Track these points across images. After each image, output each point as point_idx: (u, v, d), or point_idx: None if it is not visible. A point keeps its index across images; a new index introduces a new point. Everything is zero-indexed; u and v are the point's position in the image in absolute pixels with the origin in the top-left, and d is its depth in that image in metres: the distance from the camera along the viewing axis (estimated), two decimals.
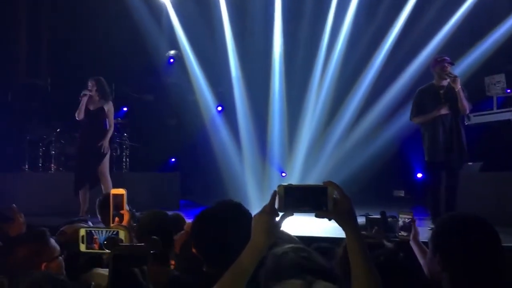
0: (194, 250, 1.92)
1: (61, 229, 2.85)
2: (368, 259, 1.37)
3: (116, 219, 2.25)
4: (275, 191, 1.40)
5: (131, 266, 1.23)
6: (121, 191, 2.31)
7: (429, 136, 5.70)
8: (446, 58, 5.68)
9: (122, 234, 1.72)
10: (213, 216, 1.94)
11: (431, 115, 5.62)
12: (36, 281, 1.51)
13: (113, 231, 1.75)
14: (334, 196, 1.39)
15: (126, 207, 3.46)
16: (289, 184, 1.40)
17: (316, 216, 1.38)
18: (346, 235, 1.39)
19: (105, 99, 6.62)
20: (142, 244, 1.41)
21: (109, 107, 6.61)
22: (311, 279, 0.82)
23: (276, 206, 1.39)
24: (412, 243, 2.81)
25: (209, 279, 1.84)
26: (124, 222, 2.22)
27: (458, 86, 5.42)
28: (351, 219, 1.39)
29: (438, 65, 5.65)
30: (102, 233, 1.74)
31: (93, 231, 1.75)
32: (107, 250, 1.71)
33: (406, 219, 2.96)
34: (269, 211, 1.40)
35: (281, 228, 1.44)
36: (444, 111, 5.58)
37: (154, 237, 1.60)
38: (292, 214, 1.40)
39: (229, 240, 1.85)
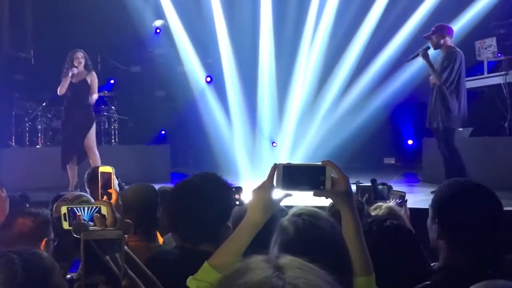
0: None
1: (63, 196, 2.81)
2: (362, 239, 1.41)
3: (105, 197, 2.20)
4: (273, 167, 1.40)
5: (103, 252, 1.16)
6: (108, 168, 2.25)
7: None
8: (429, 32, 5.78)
9: (104, 210, 1.66)
10: (189, 189, 1.89)
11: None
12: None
13: (96, 207, 1.69)
14: (332, 175, 1.39)
15: (115, 185, 3.37)
16: (287, 163, 1.41)
17: (314, 195, 1.39)
18: (342, 214, 1.41)
19: (88, 70, 6.51)
20: (114, 228, 1.35)
21: (92, 78, 6.50)
22: (277, 253, 0.80)
23: (274, 184, 1.39)
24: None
25: (190, 254, 1.81)
26: (113, 201, 2.16)
27: (424, 60, 5.63)
28: (348, 199, 1.41)
29: None
30: (84, 210, 1.68)
31: (75, 208, 1.69)
32: (91, 225, 1.65)
33: (398, 199, 2.93)
34: (267, 187, 1.40)
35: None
36: (432, 80, 5.73)
37: (127, 220, 1.55)
38: (291, 195, 1.41)
39: (205, 213, 1.82)
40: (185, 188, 1.92)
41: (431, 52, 5.73)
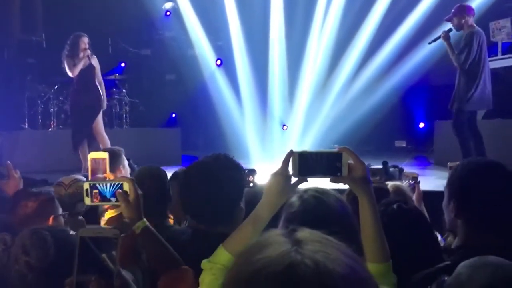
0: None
1: (58, 180, 2.83)
2: (379, 222, 1.39)
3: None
4: (288, 153, 1.39)
5: (99, 249, 1.15)
6: (102, 154, 2.25)
7: None
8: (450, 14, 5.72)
9: (126, 186, 1.68)
10: (201, 170, 1.89)
11: None
12: (42, 234, 1.48)
13: (118, 183, 1.69)
14: (349, 161, 1.38)
15: (125, 166, 3.39)
16: (303, 151, 1.39)
17: (331, 181, 1.39)
18: (359, 200, 1.40)
19: (91, 54, 6.55)
20: (111, 227, 1.35)
21: (95, 62, 6.55)
22: (294, 227, 0.79)
23: (290, 172, 1.38)
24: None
25: (204, 235, 1.82)
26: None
27: (445, 42, 5.57)
28: (365, 185, 1.39)
29: None
30: (106, 186, 1.69)
31: (97, 184, 1.70)
32: (113, 201, 1.67)
33: (410, 180, 2.92)
34: (284, 173, 1.39)
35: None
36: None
37: (125, 220, 1.56)
38: (306, 180, 1.40)
39: (218, 194, 1.82)
40: (197, 170, 1.92)
41: (454, 33, 5.66)
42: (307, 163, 1.37)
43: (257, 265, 0.72)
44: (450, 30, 5.61)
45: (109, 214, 2.66)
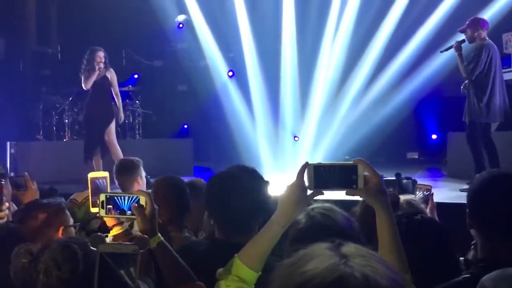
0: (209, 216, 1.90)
1: (71, 197, 2.85)
2: (397, 234, 1.38)
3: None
4: (303, 165, 1.39)
5: (118, 265, 1.16)
6: (102, 173, 2.26)
7: None
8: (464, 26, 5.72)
9: (143, 200, 1.69)
10: (228, 179, 1.90)
11: None
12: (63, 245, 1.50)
13: (135, 196, 1.71)
14: (364, 173, 1.38)
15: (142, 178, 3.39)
16: (318, 163, 1.39)
17: (347, 194, 1.38)
18: (376, 212, 1.39)
19: (107, 67, 6.65)
20: (131, 243, 1.37)
21: (111, 75, 6.68)
22: (339, 241, 0.79)
23: (306, 184, 1.38)
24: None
25: (222, 246, 1.83)
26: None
27: (456, 52, 5.58)
28: (381, 196, 1.39)
29: None
30: (123, 199, 1.70)
31: (115, 197, 1.71)
32: (128, 215, 1.68)
33: (425, 192, 2.91)
34: (300, 185, 1.39)
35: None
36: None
37: (145, 236, 1.57)
38: (322, 193, 1.40)
39: (242, 204, 1.83)
40: (223, 179, 1.92)
41: (466, 45, 5.66)
42: (322, 175, 1.37)
43: (305, 276, 0.73)
44: (463, 41, 5.61)
45: (114, 231, 2.66)
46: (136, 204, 1.67)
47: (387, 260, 1.35)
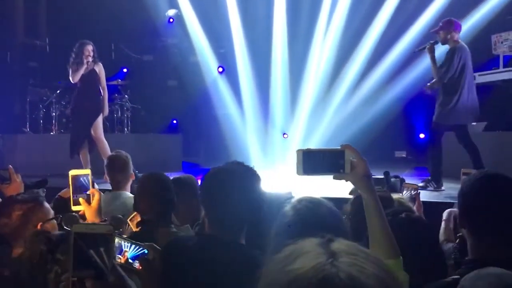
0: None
1: (57, 195, 2.81)
2: (384, 218, 1.42)
3: (81, 199, 2.14)
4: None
5: (92, 246, 1.15)
6: (85, 171, 2.22)
7: None
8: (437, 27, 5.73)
9: (151, 254, 1.62)
10: (223, 174, 1.87)
11: None
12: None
13: (142, 248, 1.62)
14: (351, 159, 1.42)
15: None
16: (307, 149, 1.43)
17: (334, 178, 1.43)
18: (363, 196, 1.44)
19: (95, 61, 6.61)
20: (104, 223, 1.33)
21: (99, 69, 6.63)
22: (330, 236, 0.78)
23: (295, 170, 1.42)
24: None
25: (210, 241, 1.82)
26: (94, 204, 2.12)
27: (429, 54, 5.60)
28: (367, 181, 1.43)
29: None
30: (131, 247, 1.61)
31: (121, 242, 1.64)
32: (135, 266, 1.62)
33: (412, 191, 2.94)
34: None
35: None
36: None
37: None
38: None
39: (241, 201, 1.81)
40: (221, 174, 1.89)
41: (441, 47, 5.69)
42: (311, 161, 1.41)
43: (291, 275, 0.72)
44: (436, 42, 5.62)
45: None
46: (147, 258, 1.59)
47: (377, 245, 1.36)
